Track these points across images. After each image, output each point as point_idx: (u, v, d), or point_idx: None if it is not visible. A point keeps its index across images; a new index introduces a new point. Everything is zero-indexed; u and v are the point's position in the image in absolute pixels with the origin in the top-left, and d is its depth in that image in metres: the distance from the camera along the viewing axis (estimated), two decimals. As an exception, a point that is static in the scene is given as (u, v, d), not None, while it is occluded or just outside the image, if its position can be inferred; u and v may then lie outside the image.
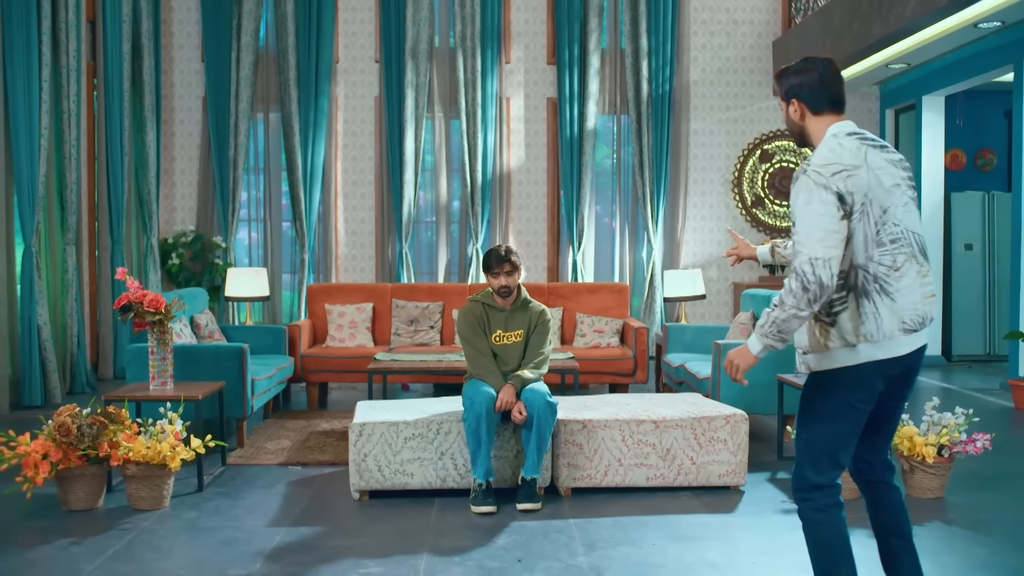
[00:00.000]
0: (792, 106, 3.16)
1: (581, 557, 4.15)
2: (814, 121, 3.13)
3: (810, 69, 3.13)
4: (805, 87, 3.12)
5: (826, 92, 3.11)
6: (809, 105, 3.12)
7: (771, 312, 2.97)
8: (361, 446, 5.04)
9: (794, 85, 3.14)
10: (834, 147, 2.99)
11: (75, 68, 8.53)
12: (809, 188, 2.93)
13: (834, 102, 3.12)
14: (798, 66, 3.17)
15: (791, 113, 3.17)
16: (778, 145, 10.97)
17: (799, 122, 3.16)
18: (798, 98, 3.13)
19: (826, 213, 2.89)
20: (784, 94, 3.18)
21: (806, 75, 3.12)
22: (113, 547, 4.28)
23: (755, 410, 6.25)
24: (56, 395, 7.99)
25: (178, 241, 10.16)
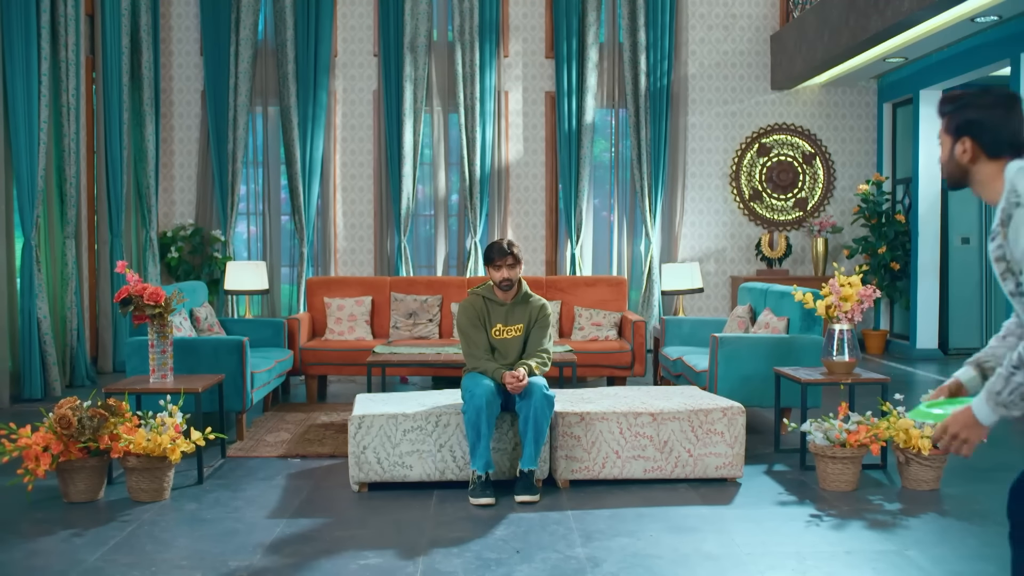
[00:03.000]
0: (961, 145, 2.58)
1: (579, 548, 4.18)
2: (987, 166, 2.56)
3: (998, 104, 2.56)
4: (986, 127, 2.54)
5: (1010, 133, 2.54)
6: (985, 148, 2.55)
7: (1013, 375, 2.37)
8: (360, 438, 5.07)
9: (972, 121, 2.55)
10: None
11: (74, 62, 8.54)
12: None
13: (1016, 146, 2.54)
14: (979, 96, 2.58)
15: (957, 152, 2.59)
16: (776, 139, 10.99)
17: (965, 164, 2.59)
18: (972, 137, 2.55)
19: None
20: (954, 129, 2.59)
21: (990, 111, 2.55)
22: (114, 539, 4.31)
23: (752, 403, 6.28)
24: (56, 388, 8.01)
25: (177, 235, 10.18)
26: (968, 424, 2.45)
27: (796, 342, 6.35)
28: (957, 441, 2.48)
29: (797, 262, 11.08)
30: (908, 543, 4.25)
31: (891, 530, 4.44)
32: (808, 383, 5.59)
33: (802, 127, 11.03)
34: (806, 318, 6.45)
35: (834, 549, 4.19)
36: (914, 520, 4.60)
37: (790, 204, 11.08)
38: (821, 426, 5.15)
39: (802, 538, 4.36)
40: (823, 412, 5.96)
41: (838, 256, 11.07)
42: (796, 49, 10.16)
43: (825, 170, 11.07)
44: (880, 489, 5.16)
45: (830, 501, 4.92)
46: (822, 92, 11.03)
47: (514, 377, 4.98)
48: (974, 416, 2.44)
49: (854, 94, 11.08)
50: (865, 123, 11.12)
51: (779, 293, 6.88)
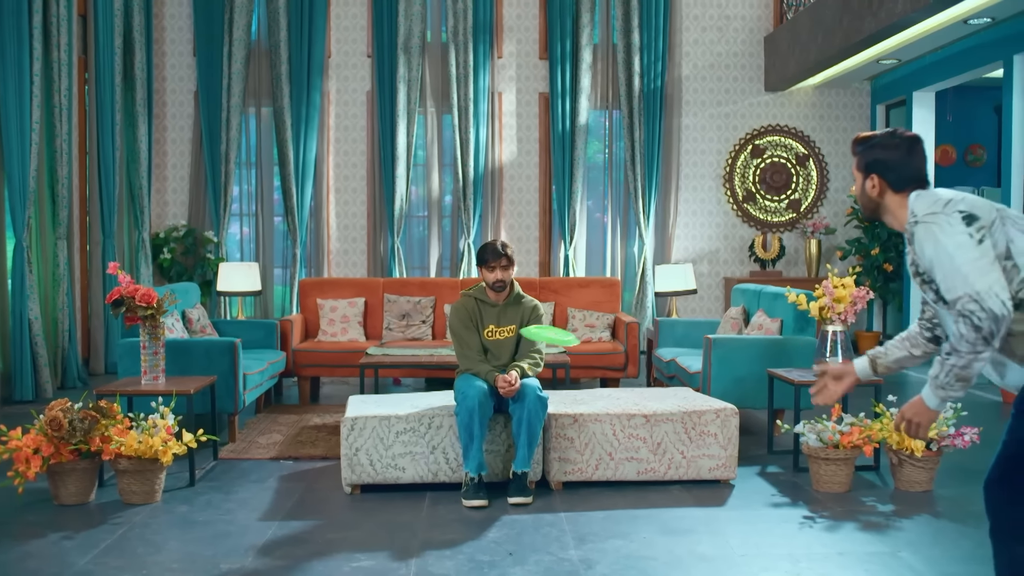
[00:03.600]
0: (870, 181, 2.94)
1: (572, 550, 4.18)
2: (894, 199, 2.92)
3: (898, 145, 2.91)
4: (889, 165, 2.91)
5: (912, 170, 2.90)
6: (892, 184, 2.91)
7: (946, 361, 2.71)
8: (353, 440, 5.05)
9: (877, 160, 2.92)
10: (926, 195, 2.82)
11: (66, 62, 8.52)
12: (931, 231, 2.70)
13: (919, 180, 2.90)
14: (882, 138, 2.95)
15: (867, 188, 2.95)
16: (769, 140, 11.00)
17: (875, 198, 2.95)
18: (879, 175, 2.92)
19: (960, 244, 2.65)
20: (863, 167, 2.95)
21: (891, 151, 2.91)
22: (105, 541, 4.29)
23: (745, 404, 6.28)
24: (47, 389, 7.98)
25: (170, 236, 10.15)
26: (919, 410, 2.84)
27: (789, 343, 6.35)
28: (912, 425, 2.86)
29: (790, 263, 11.09)
30: (901, 544, 4.25)
31: (884, 531, 4.44)
32: (801, 384, 5.59)
33: (795, 128, 11.04)
34: (799, 319, 6.45)
35: (827, 550, 4.19)
36: (907, 521, 4.60)
37: (783, 205, 11.09)
38: (814, 427, 5.15)
39: (795, 539, 4.36)
40: (816, 414, 5.96)
41: (831, 257, 11.08)
42: (789, 51, 10.17)
43: (818, 171, 11.08)
44: (873, 490, 5.16)
45: (823, 502, 4.91)
46: (815, 94, 11.04)
47: (506, 381, 4.97)
48: (923, 402, 2.82)
49: (847, 96, 11.09)
50: (858, 125, 11.13)
51: (772, 294, 6.88)
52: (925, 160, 2.93)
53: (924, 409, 2.82)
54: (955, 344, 2.67)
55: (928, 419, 2.84)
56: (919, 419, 2.84)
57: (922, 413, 2.83)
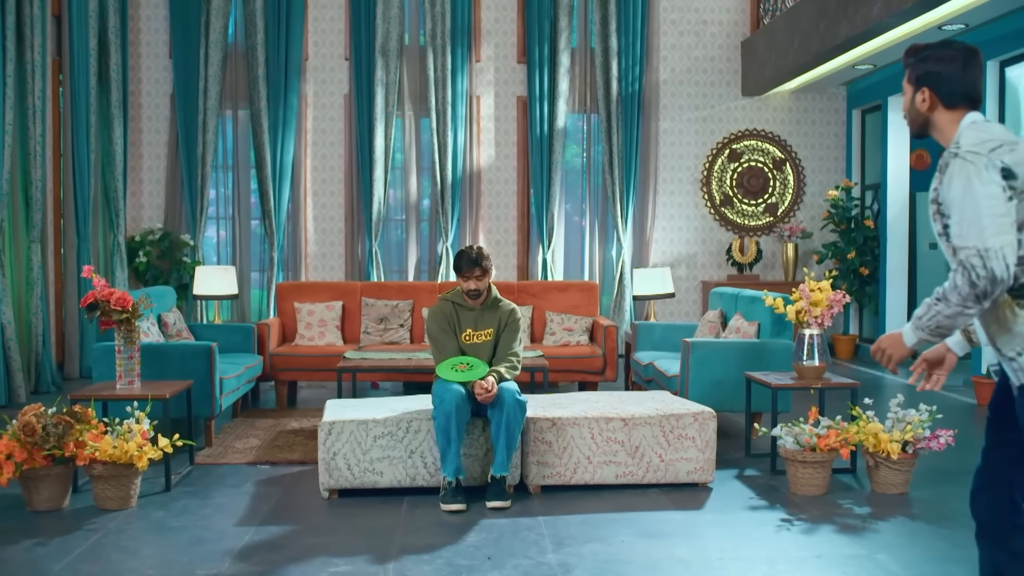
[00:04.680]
0: (921, 94, 2.81)
1: (550, 554, 4.17)
2: (945, 115, 2.79)
3: (954, 57, 2.78)
4: (944, 77, 2.77)
5: (967, 85, 2.77)
6: (944, 98, 2.78)
7: (934, 305, 2.66)
8: (330, 445, 5.03)
9: (931, 73, 2.79)
10: (981, 128, 2.69)
11: (40, 64, 8.44)
12: (967, 169, 2.58)
13: (972, 98, 2.78)
14: (938, 50, 2.81)
15: (917, 101, 2.83)
16: (746, 144, 11.05)
17: (924, 112, 2.82)
18: (931, 88, 2.79)
19: (990, 195, 2.56)
20: (915, 80, 2.83)
21: (948, 64, 2.78)
22: (79, 547, 4.24)
23: (723, 408, 6.30)
24: (21, 394, 7.90)
25: (145, 239, 10.08)
26: (894, 342, 2.85)
27: (767, 347, 6.38)
28: (885, 355, 2.89)
29: (767, 267, 11.14)
30: (878, 547, 4.27)
31: (861, 534, 4.47)
32: (778, 388, 5.61)
33: (772, 133, 11.10)
34: (777, 323, 6.48)
35: (804, 553, 4.21)
36: (883, 524, 4.62)
37: (760, 209, 11.15)
38: (791, 430, 5.17)
39: (773, 542, 4.37)
40: (793, 416, 5.98)
41: (808, 261, 11.14)
42: (766, 55, 10.23)
43: (795, 176, 11.15)
44: (850, 493, 5.19)
45: (800, 505, 4.93)
46: (792, 98, 11.11)
47: (483, 388, 4.96)
48: (901, 337, 2.83)
49: (824, 100, 11.16)
50: (834, 129, 11.20)
51: (750, 298, 6.90)
52: (982, 75, 2.80)
53: (900, 343, 2.83)
54: (947, 292, 2.62)
55: (900, 354, 2.85)
56: (892, 351, 2.86)
57: (897, 346, 2.84)
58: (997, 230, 2.55)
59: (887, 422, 5.20)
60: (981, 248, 2.55)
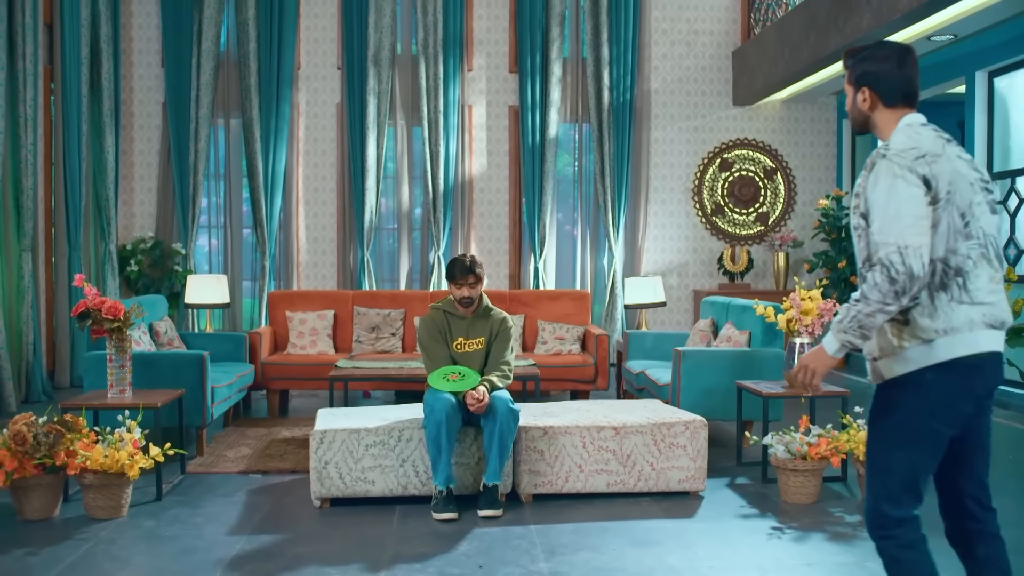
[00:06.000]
0: (861, 94, 2.91)
1: (542, 563, 4.18)
2: (884, 113, 2.89)
3: (889, 56, 2.88)
4: (880, 76, 2.87)
5: (903, 83, 2.87)
6: (882, 96, 2.88)
7: (852, 307, 2.72)
8: (322, 453, 5.03)
9: (868, 72, 2.89)
10: (911, 135, 2.78)
11: (32, 72, 8.44)
12: (892, 171, 2.70)
13: (909, 96, 2.88)
14: (873, 51, 2.91)
15: (859, 101, 2.92)
16: (738, 154, 11.10)
17: (866, 111, 2.92)
18: (870, 87, 2.89)
19: (913, 197, 2.67)
20: (854, 80, 2.93)
21: (883, 62, 2.87)
22: (70, 557, 4.23)
23: (714, 416, 6.31)
24: (11, 403, 7.88)
25: (137, 247, 10.07)
26: (816, 355, 2.83)
27: (758, 356, 6.40)
28: (807, 371, 2.85)
29: (759, 276, 11.18)
30: (868, 555, 4.28)
31: (851, 542, 4.48)
32: (770, 396, 5.63)
33: (763, 142, 11.15)
34: (767, 332, 6.50)
35: (795, 561, 4.22)
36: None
37: (751, 219, 11.18)
38: (782, 439, 5.18)
39: (764, 551, 4.38)
40: (784, 425, 6.00)
41: (799, 270, 11.18)
42: (757, 65, 10.28)
43: (786, 185, 11.19)
44: (841, 501, 5.20)
45: (791, 514, 4.95)
46: (783, 108, 11.16)
47: (475, 398, 4.96)
48: (822, 348, 2.82)
49: (814, 110, 11.22)
50: (825, 139, 11.26)
51: (741, 307, 6.93)
52: (915, 73, 2.89)
53: (822, 355, 2.82)
54: (867, 292, 2.69)
55: (823, 365, 2.83)
56: (814, 365, 2.83)
57: (819, 358, 2.83)
58: (917, 230, 2.66)
59: (877, 430, 5.21)
60: (901, 245, 2.64)
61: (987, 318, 2.76)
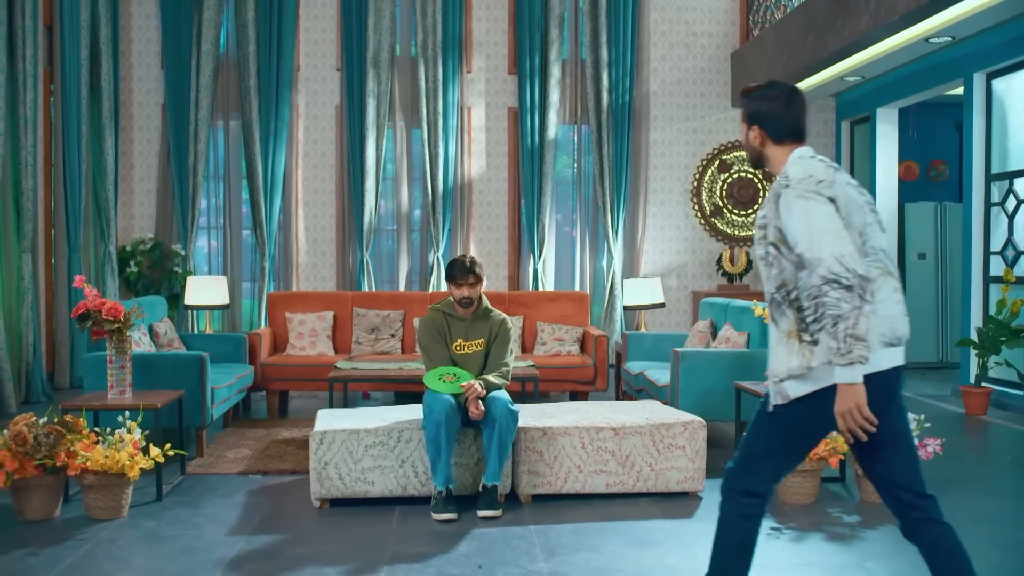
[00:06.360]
0: (752, 131, 3.09)
1: (541, 563, 4.19)
2: (775, 149, 3.07)
3: (778, 96, 3.05)
4: (769, 116, 3.05)
5: (791, 123, 3.04)
6: (771, 134, 3.06)
7: (835, 330, 2.74)
8: (322, 454, 5.04)
9: (759, 112, 3.07)
10: (804, 165, 2.94)
11: (32, 74, 8.45)
12: (801, 196, 2.85)
13: (796, 133, 3.05)
14: (763, 91, 3.08)
15: (751, 138, 3.11)
16: (736, 155, 11.11)
17: (758, 148, 3.10)
18: (759, 125, 3.07)
19: (828, 213, 2.81)
20: (747, 119, 3.11)
21: (772, 103, 3.05)
22: (71, 557, 4.24)
23: (713, 417, 6.33)
24: (11, 404, 7.89)
25: (136, 249, 10.08)
26: (844, 397, 2.79)
27: (756, 356, 6.41)
28: (851, 414, 2.79)
29: (757, 277, 11.19)
30: (866, 555, 4.30)
31: (850, 542, 4.50)
32: (768, 397, 5.64)
33: (762, 144, 11.15)
34: (766, 333, 6.50)
35: (793, 562, 4.23)
36: (872, 532, 4.65)
37: (750, 220, 11.20)
38: (781, 440, 5.19)
39: (762, 551, 4.37)
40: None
41: (797, 271, 11.17)
42: (756, 67, 10.29)
43: (784, 186, 11.19)
44: (839, 502, 5.22)
45: (790, 514, 4.96)
46: (781, 110, 11.15)
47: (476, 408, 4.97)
48: (845, 386, 2.78)
49: (813, 112, 11.23)
50: (823, 140, 11.27)
51: (739, 308, 6.94)
52: (802, 112, 3.06)
53: (851, 392, 2.78)
54: (837, 312, 2.73)
55: (854, 400, 2.78)
56: (849, 404, 2.79)
57: (848, 396, 2.79)
58: (844, 239, 2.79)
59: (875, 431, 5.22)
60: (837, 255, 2.76)
61: (885, 336, 2.90)
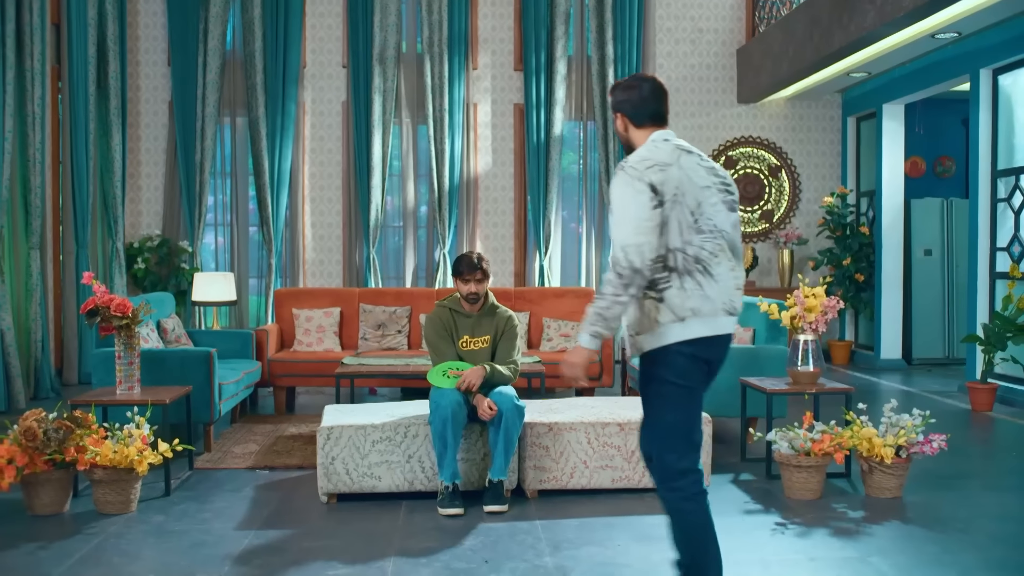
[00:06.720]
0: (618, 119, 3.43)
1: (547, 558, 4.21)
2: (636, 132, 3.39)
3: (634, 86, 3.39)
4: (628, 103, 3.38)
5: (647, 108, 3.37)
6: (632, 119, 3.38)
7: (594, 304, 3.18)
8: (329, 449, 5.07)
9: (620, 101, 3.40)
10: (651, 148, 3.27)
11: (40, 71, 8.49)
12: (624, 182, 3.19)
13: (655, 117, 3.37)
14: (626, 82, 3.43)
15: (617, 126, 3.44)
16: (742, 152, 11.11)
17: (624, 133, 3.42)
18: (622, 112, 3.40)
19: (639, 203, 3.14)
20: (613, 108, 3.43)
21: (630, 92, 3.38)
22: (80, 551, 4.28)
23: (718, 413, 6.34)
24: (20, 400, 7.93)
25: (144, 245, 10.12)
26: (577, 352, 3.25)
27: (762, 353, 6.42)
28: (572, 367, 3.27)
29: (763, 273, 11.19)
30: (871, 550, 4.32)
31: (855, 537, 4.51)
32: (773, 393, 5.66)
33: (768, 140, 11.16)
34: (771, 329, 6.53)
35: (798, 556, 4.25)
36: (877, 527, 4.67)
37: (756, 216, 11.20)
38: (786, 435, 5.21)
39: (767, 546, 4.41)
40: (788, 422, 6.02)
41: (803, 268, 11.20)
42: (762, 63, 10.29)
43: (791, 183, 11.21)
44: (844, 497, 5.23)
45: (795, 509, 4.98)
46: (787, 106, 11.17)
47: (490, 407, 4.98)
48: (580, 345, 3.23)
49: (819, 108, 11.23)
50: (830, 136, 11.27)
51: (745, 304, 6.94)
52: (660, 99, 3.38)
53: (581, 351, 3.23)
54: (603, 288, 3.17)
55: (581, 357, 3.24)
56: (572, 358, 3.26)
57: (579, 354, 3.24)
58: (639, 231, 3.12)
59: (881, 427, 5.24)
60: (624, 244, 3.13)
61: (725, 305, 3.26)
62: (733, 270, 3.29)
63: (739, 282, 3.32)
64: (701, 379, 3.31)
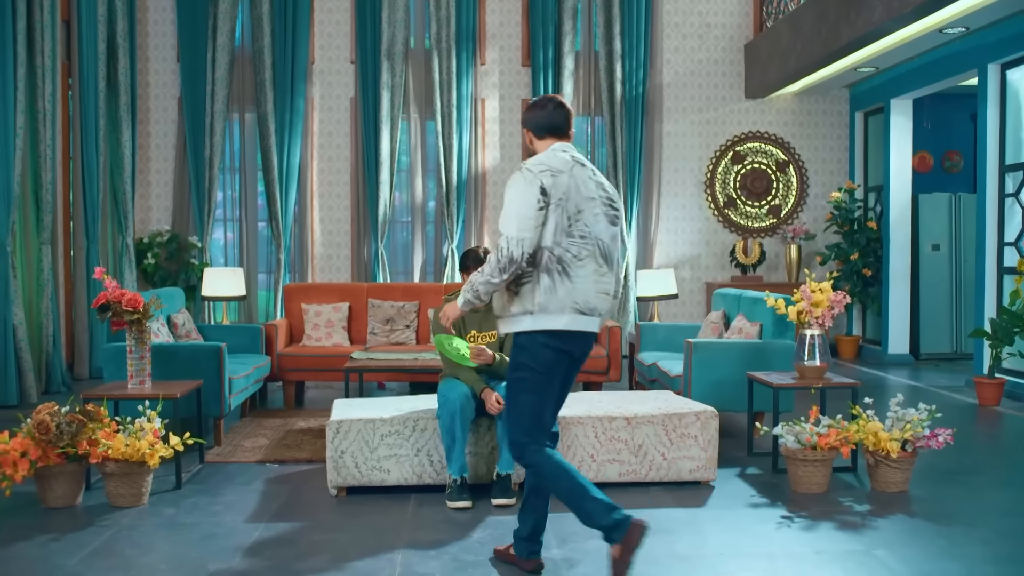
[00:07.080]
0: (526, 134, 3.89)
1: (554, 550, 4.24)
2: (538, 143, 3.85)
3: (539, 105, 3.84)
4: (531, 120, 3.84)
5: (547, 123, 3.81)
6: (535, 132, 3.85)
7: (473, 277, 3.70)
8: (338, 443, 5.11)
9: (526, 118, 3.88)
10: (550, 155, 3.73)
11: (50, 68, 8.53)
12: (518, 180, 3.65)
13: (553, 130, 3.82)
14: (533, 102, 3.87)
15: (526, 140, 3.92)
16: (749, 147, 11.12)
17: (530, 145, 3.87)
18: (527, 128, 3.87)
19: (526, 202, 3.59)
20: (522, 124, 3.91)
21: (535, 110, 3.84)
22: (93, 543, 4.32)
23: (725, 407, 6.36)
24: (32, 394, 7.99)
25: (154, 241, 10.17)
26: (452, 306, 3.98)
27: (769, 347, 6.45)
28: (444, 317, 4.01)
29: (771, 268, 11.21)
30: (877, 543, 4.34)
31: (860, 531, 4.53)
32: (780, 387, 5.68)
33: (776, 135, 11.17)
34: (778, 324, 6.55)
35: (804, 550, 4.27)
36: (883, 521, 4.69)
37: (764, 211, 11.21)
38: (792, 429, 5.23)
39: (773, 539, 4.44)
40: (795, 416, 6.05)
41: (811, 263, 11.20)
42: (769, 58, 10.30)
43: (798, 178, 11.21)
44: (850, 491, 5.25)
45: (801, 503, 5.00)
46: (795, 101, 11.17)
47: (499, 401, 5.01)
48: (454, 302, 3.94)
49: (827, 103, 11.23)
50: (837, 131, 11.27)
51: (752, 299, 6.97)
52: (561, 115, 3.80)
53: (454, 307, 3.95)
54: (484, 267, 3.67)
55: (453, 312, 3.96)
56: (448, 311, 3.99)
57: (452, 308, 3.97)
58: (521, 226, 3.59)
59: (887, 421, 5.26)
60: (508, 236, 3.60)
61: (578, 304, 3.65)
62: (602, 276, 3.69)
63: (605, 287, 3.71)
64: (559, 369, 3.73)
